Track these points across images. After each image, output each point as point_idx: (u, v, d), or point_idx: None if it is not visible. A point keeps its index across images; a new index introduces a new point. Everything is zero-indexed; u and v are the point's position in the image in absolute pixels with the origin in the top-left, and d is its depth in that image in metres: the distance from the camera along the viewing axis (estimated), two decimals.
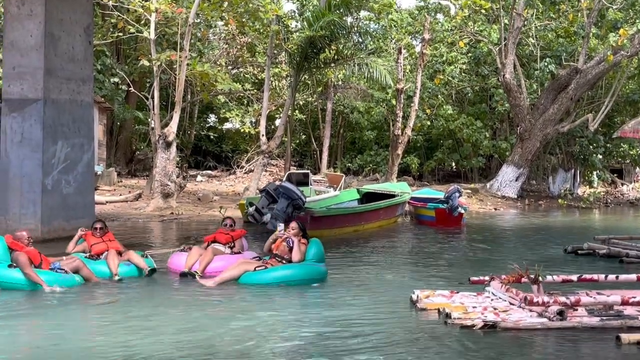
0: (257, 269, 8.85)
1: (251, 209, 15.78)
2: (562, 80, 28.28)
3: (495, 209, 25.20)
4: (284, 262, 9.01)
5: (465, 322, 6.50)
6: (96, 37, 22.18)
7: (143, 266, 9.26)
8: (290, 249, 9.03)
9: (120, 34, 23.94)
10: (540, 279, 7.09)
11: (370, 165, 35.15)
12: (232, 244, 10.00)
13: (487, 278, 8.02)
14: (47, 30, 13.08)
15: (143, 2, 22.14)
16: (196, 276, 9.05)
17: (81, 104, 13.90)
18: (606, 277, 8.22)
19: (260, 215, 15.32)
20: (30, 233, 12.58)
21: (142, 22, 23.60)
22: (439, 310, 7.01)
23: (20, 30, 13.17)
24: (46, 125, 13.07)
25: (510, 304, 7.09)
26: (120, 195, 22.99)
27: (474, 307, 7.02)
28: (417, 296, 7.55)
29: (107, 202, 20.98)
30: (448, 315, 6.68)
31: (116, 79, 29.31)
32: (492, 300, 7.39)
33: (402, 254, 13.21)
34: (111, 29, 24.75)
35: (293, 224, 9.31)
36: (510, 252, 13.47)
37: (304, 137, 39.41)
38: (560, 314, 6.46)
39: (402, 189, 20.14)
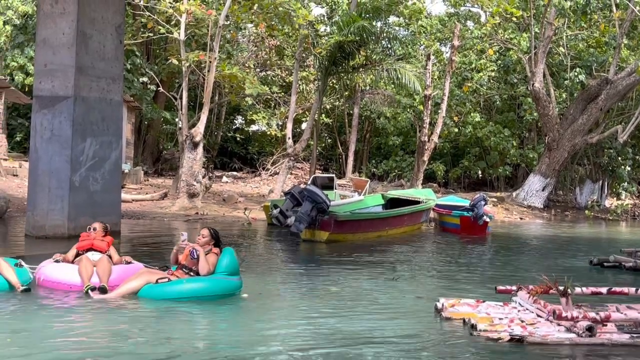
0: (159, 281, 7.79)
1: (275, 211, 15.81)
2: (592, 90, 27.96)
3: (521, 218, 24.97)
4: (192, 274, 8.00)
5: (492, 334, 6.40)
6: (127, 36, 22.32)
7: (13, 281, 7.72)
8: (197, 260, 8.03)
9: (151, 34, 24.09)
10: (569, 291, 6.96)
11: (396, 170, 35.02)
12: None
13: (514, 288, 7.90)
14: (79, 28, 13.17)
15: (173, 3, 22.26)
16: (89, 291, 7.65)
17: (110, 103, 13.98)
18: (637, 290, 8.07)
19: (284, 217, 15.36)
20: (57, 229, 12.75)
21: (173, 22, 23.74)
22: (464, 320, 6.92)
23: (52, 27, 13.27)
24: (76, 122, 13.16)
25: (538, 315, 6.98)
26: (147, 193, 23.11)
27: (500, 318, 6.92)
28: (442, 305, 7.46)
29: (133, 200, 21.09)
30: (474, 327, 6.58)
31: (145, 79, 29.52)
32: (518, 311, 7.27)
33: (426, 261, 13.11)
34: (141, 29, 24.93)
35: (204, 231, 8.31)
36: (535, 263, 13.32)
37: (329, 141, 39.39)
38: (590, 330, 6.33)
39: (427, 196, 20.03)
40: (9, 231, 14.80)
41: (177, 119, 27.27)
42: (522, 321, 6.82)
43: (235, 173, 35.44)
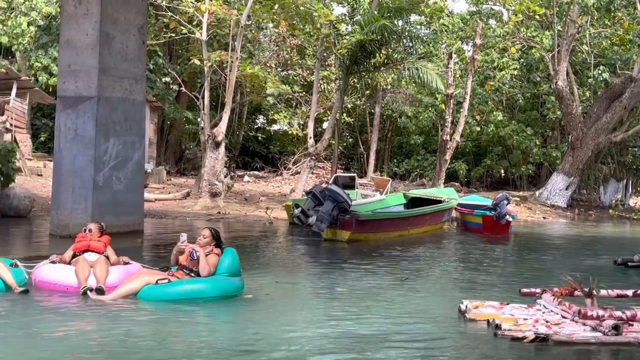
0: (159, 282, 7.69)
1: (297, 211, 15.82)
2: (616, 88, 27.66)
3: (544, 218, 24.78)
4: (192, 275, 7.88)
5: (516, 334, 6.35)
6: (149, 36, 22.45)
7: (10, 281, 7.66)
8: (198, 261, 7.89)
9: (173, 34, 24.21)
10: (594, 292, 6.88)
11: (417, 170, 34.92)
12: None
13: (538, 290, 7.83)
14: (102, 29, 13.27)
15: (195, 3, 22.36)
16: (88, 291, 7.57)
17: (133, 103, 14.07)
18: None
19: (306, 217, 15.36)
20: (81, 228, 12.85)
21: (194, 22, 23.85)
22: (488, 321, 6.87)
23: (76, 29, 13.38)
24: (99, 122, 13.26)
25: (563, 317, 6.92)
26: (169, 193, 23.24)
27: (524, 319, 6.86)
28: (466, 306, 7.40)
29: (155, 199, 21.21)
30: (498, 327, 6.53)
31: (168, 79, 29.69)
32: (543, 313, 7.21)
33: (448, 261, 13.05)
34: (164, 29, 25.06)
35: (204, 232, 8.19)
36: (558, 263, 13.20)
37: (351, 140, 39.36)
38: (616, 329, 6.26)
39: (449, 195, 19.93)
40: (33, 230, 14.95)
41: (199, 119, 27.38)
42: (547, 321, 6.76)
43: (256, 172, 35.53)
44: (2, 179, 17.36)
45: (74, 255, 8.22)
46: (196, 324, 6.92)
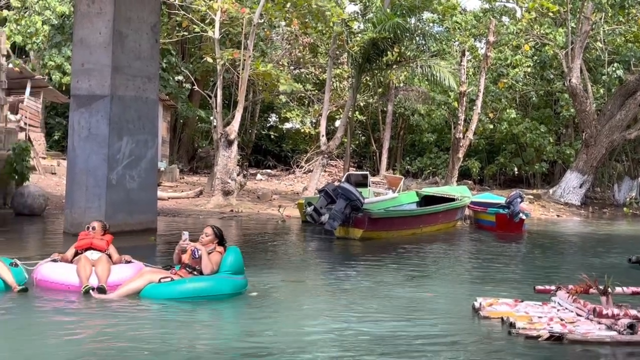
0: (162, 280, 7.66)
1: (309, 209, 15.82)
2: (631, 86, 27.49)
3: (558, 215, 24.65)
4: (195, 273, 7.86)
5: (531, 332, 6.32)
6: (162, 35, 22.50)
7: (9, 280, 7.62)
8: (200, 259, 7.86)
9: (185, 32, 24.26)
10: (609, 290, 6.84)
11: (430, 168, 34.82)
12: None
13: (553, 287, 7.79)
14: (115, 28, 13.31)
15: (208, 1, 22.39)
16: (90, 291, 7.54)
17: (146, 101, 14.10)
18: None
19: (318, 215, 15.35)
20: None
21: (207, 21, 23.88)
22: (502, 319, 6.84)
23: (89, 27, 13.43)
24: (112, 121, 13.29)
25: (578, 315, 6.88)
26: (182, 191, 23.29)
27: (539, 317, 6.83)
28: (480, 304, 7.38)
29: (169, 198, 21.27)
30: (512, 325, 6.51)
31: (180, 77, 29.74)
32: (558, 310, 7.17)
33: (462, 259, 13.02)
34: (176, 28, 25.11)
35: (207, 230, 8.14)
36: (572, 261, 13.16)
37: (363, 138, 39.29)
38: (631, 328, 6.23)
39: (462, 193, 19.86)
40: (47, 228, 15.03)
41: (212, 117, 27.42)
42: (562, 320, 6.73)
43: (269, 171, 35.55)
44: (16, 177, 17.46)
45: (76, 253, 8.16)
46: (199, 322, 6.91)
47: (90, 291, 7.49)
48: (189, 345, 5.95)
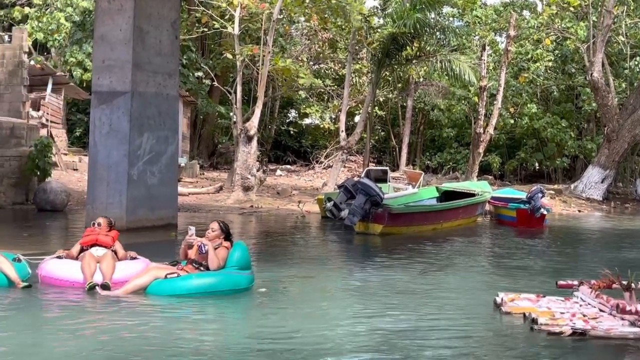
0: (168, 276, 7.57)
1: (329, 204, 15.83)
2: None
3: (580, 211, 24.46)
4: (202, 269, 7.73)
5: (553, 328, 6.27)
6: (182, 31, 22.58)
7: (13, 276, 7.55)
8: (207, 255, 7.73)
9: (205, 29, 24.32)
10: (633, 286, 6.77)
11: (450, 163, 34.70)
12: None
13: (575, 283, 7.72)
14: (135, 24, 13.37)
15: None
16: (95, 287, 7.48)
17: (167, 97, 14.16)
18: None
19: (338, 210, 15.37)
20: (116, 222, 12.96)
21: (227, 17, 23.93)
22: (524, 314, 6.80)
23: (110, 24, 13.50)
24: (133, 117, 13.37)
25: (600, 310, 6.82)
26: (202, 187, 23.39)
27: (561, 312, 6.77)
28: (502, 299, 7.33)
29: (189, 193, 21.36)
30: (534, 321, 6.46)
31: (200, 73, 29.84)
32: (580, 306, 7.11)
33: (482, 255, 12.96)
34: (196, 24, 25.17)
35: (213, 225, 8.07)
36: (594, 256, 13.03)
37: (383, 133, 39.21)
38: None
39: (482, 188, 19.77)
40: (69, 224, 15.15)
41: (231, 113, 27.50)
42: (585, 315, 6.67)
43: (289, 166, 35.59)
44: (38, 173, 17.63)
45: (82, 250, 8.08)
46: (206, 318, 6.89)
47: (97, 287, 7.46)
48: (195, 341, 5.92)
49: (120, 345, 5.68)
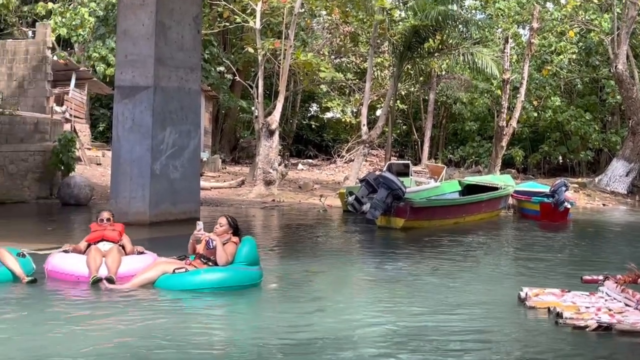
0: (176, 271, 7.54)
1: (351, 198, 15.79)
2: None
3: (604, 204, 24.23)
4: (210, 264, 7.68)
5: (578, 322, 6.22)
6: (203, 26, 22.63)
7: (17, 272, 7.56)
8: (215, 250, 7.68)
9: (227, 23, 24.36)
10: None
11: (473, 157, 34.51)
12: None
13: (600, 277, 7.65)
14: (158, 19, 13.42)
15: None
16: (101, 280, 7.48)
17: (189, 92, 14.21)
18: None
19: (360, 204, 15.31)
20: (139, 216, 13.05)
21: (248, 11, 23.95)
22: (549, 309, 6.75)
23: (132, 19, 13.57)
24: (156, 112, 13.44)
25: (626, 305, 6.75)
26: (225, 181, 23.48)
27: (586, 307, 6.71)
28: (526, 294, 7.28)
29: (211, 187, 21.45)
30: (559, 315, 6.41)
31: (222, 68, 29.90)
32: (606, 300, 7.05)
33: (506, 249, 12.89)
34: (218, 19, 25.21)
35: (221, 220, 8.00)
36: (619, 250, 12.91)
37: (405, 127, 39.05)
38: None
39: (505, 182, 19.63)
40: (93, 218, 15.23)
41: (253, 108, 27.55)
42: (610, 310, 6.61)
43: (310, 160, 35.58)
44: (62, 168, 17.79)
45: (89, 246, 8.04)
46: (214, 313, 6.87)
47: (104, 281, 7.44)
48: (203, 336, 5.90)
49: (125, 339, 5.70)
